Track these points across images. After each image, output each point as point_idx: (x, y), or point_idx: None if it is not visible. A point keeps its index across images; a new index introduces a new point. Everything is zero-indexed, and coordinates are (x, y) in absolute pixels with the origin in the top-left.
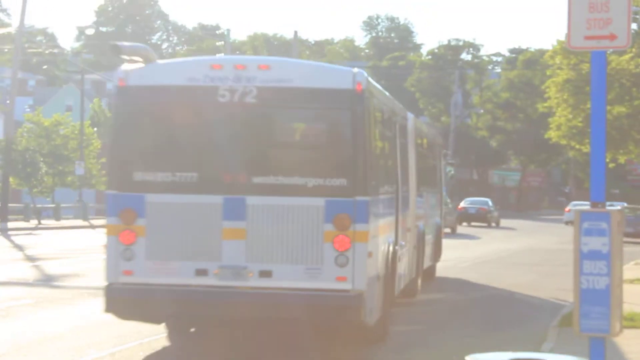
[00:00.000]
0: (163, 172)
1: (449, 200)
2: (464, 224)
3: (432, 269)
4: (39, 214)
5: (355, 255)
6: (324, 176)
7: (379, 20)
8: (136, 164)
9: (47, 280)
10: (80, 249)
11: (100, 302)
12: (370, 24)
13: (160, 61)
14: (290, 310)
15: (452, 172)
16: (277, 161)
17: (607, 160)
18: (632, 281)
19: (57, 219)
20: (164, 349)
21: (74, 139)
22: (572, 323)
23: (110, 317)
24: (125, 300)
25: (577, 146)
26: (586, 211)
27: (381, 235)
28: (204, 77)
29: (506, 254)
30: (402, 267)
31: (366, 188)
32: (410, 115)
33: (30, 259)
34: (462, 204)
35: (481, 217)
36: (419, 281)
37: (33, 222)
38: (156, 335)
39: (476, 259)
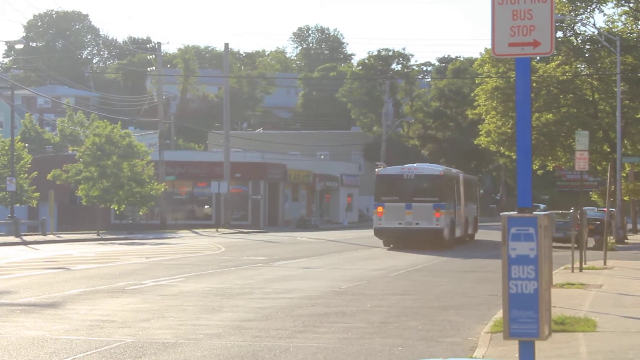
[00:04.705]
0: (389, 196)
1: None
2: None
3: (473, 235)
4: None
5: (441, 218)
6: (432, 197)
7: (310, 31)
8: (382, 194)
9: None
10: (12, 265)
11: (32, 318)
12: (300, 36)
13: (388, 167)
14: (425, 233)
15: (482, 191)
16: (420, 193)
17: (536, 167)
18: (562, 285)
19: None
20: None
21: (5, 155)
22: (502, 328)
23: (44, 334)
24: (380, 232)
25: (507, 152)
26: (513, 216)
27: (448, 215)
28: (400, 171)
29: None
30: (458, 228)
31: (443, 200)
32: (461, 173)
33: None
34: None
35: None
36: (466, 238)
37: None
38: (89, 351)
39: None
